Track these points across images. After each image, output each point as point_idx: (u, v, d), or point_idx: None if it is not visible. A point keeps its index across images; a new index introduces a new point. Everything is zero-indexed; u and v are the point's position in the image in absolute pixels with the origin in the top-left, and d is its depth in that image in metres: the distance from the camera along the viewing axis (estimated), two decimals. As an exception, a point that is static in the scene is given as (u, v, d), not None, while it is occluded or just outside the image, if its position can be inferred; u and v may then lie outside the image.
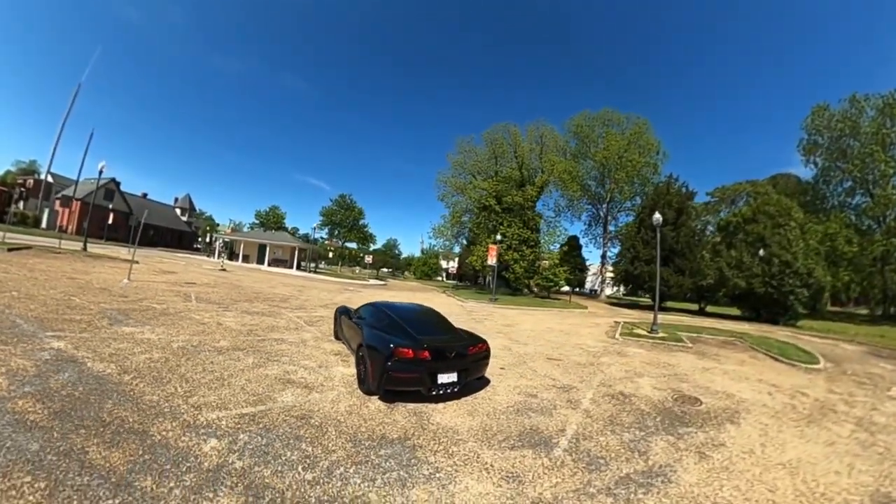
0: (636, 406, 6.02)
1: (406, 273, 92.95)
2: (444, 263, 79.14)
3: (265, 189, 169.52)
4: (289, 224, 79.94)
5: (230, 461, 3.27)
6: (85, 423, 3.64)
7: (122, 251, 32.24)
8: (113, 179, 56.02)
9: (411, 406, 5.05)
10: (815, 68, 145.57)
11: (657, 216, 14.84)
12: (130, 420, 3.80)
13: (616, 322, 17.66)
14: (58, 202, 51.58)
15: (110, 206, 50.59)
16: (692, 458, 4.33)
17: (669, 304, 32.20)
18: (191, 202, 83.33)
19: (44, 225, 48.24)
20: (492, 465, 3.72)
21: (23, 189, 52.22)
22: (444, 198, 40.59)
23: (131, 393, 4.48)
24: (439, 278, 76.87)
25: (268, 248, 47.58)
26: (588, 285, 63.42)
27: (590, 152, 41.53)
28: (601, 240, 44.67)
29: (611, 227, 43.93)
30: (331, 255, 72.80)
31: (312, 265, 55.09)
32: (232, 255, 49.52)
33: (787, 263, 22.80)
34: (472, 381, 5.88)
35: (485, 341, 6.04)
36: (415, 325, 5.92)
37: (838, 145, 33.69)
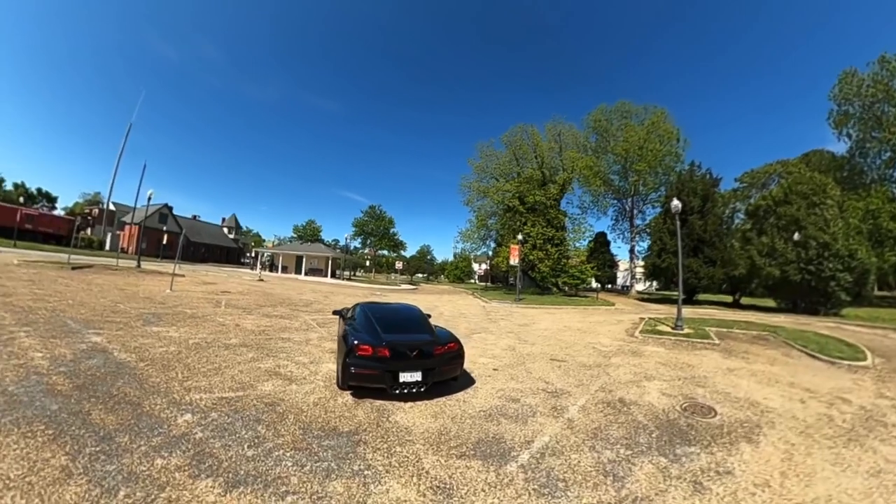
0: (633, 417, 5.19)
1: (440, 277, 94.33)
2: (475, 266, 79.78)
3: (305, 204, 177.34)
4: (328, 235, 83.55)
5: (193, 432, 3.87)
6: (96, 394, 4.52)
7: (168, 265, 35.29)
8: (166, 204, 61.39)
9: (378, 403, 5.08)
10: (840, 34, 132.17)
11: (675, 202, 14.38)
12: (131, 395, 4.65)
13: (640, 318, 16.65)
14: (118, 227, 56.97)
15: (164, 228, 54.96)
16: (682, 490, 3.39)
17: (702, 296, 30.76)
18: (236, 221, 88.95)
19: (107, 247, 53.37)
20: (427, 472, 3.47)
21: (89, 217, 58.41)
22: (469, 202, 41.11)
23: (140, 376, 5.37)
24: (472, 281, 77.50)
25: (304, 259, 50.44)
26: (619, 281, 61.35)
27: (609, 146, 40.28)
28: (628, 234, 43.39)
29: (637, 221, 42.53)
30: (367, 262, 75.25)
31: (347, 273, 57.54)
32: (273, 268, 52.99)
33: (826, 245, 21.26)
34: (450, 382, 5.86)
35: (456, 341, 5.93)
36: (385, 323, 6.04)
37: (872, 112, 30.70)
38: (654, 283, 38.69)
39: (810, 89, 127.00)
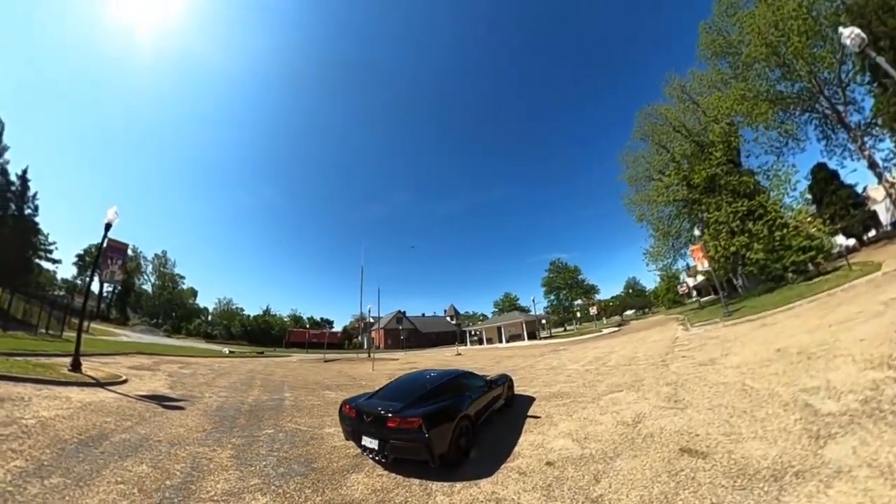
0: None
1: (651, 308, 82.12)
2: (690, 281, 65.33)
3: (507, 278, 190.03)
4: (526, 300, 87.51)
5: (278, 436, 7.22)
6: (257, 414, 8.45)
7: (400, 354, 45.06)
8: (399, 310, 79.88)
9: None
10: None
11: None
12: (269, 416, 8.40)
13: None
14: (373, 331, 76.29)
15: (400, 327, 70.34)
16: None
17: None
18: (455, 309, 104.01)
19: (364, 346, 71.65)
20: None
21: (356, 329, 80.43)
22: (641, 219, 36.60)
23: (283, 411, 9.24)
24: (693, 299, 63.24)
25: (502, 328, 54.71)
26: (886, 217, 36.94)
27: (743, 56, 27.94)
28: (853, 146, 27.04)
29: (854, 118, 26.67)
30: (578, 314, 72.65)
31: (546, 333, 58.17)
32: (481, 341, 59.20)
33: None
34: (468, 465, 5.18)
35: (419, 417, 4.88)
36: (389, 387, 6.55)
37: None
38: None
39: None
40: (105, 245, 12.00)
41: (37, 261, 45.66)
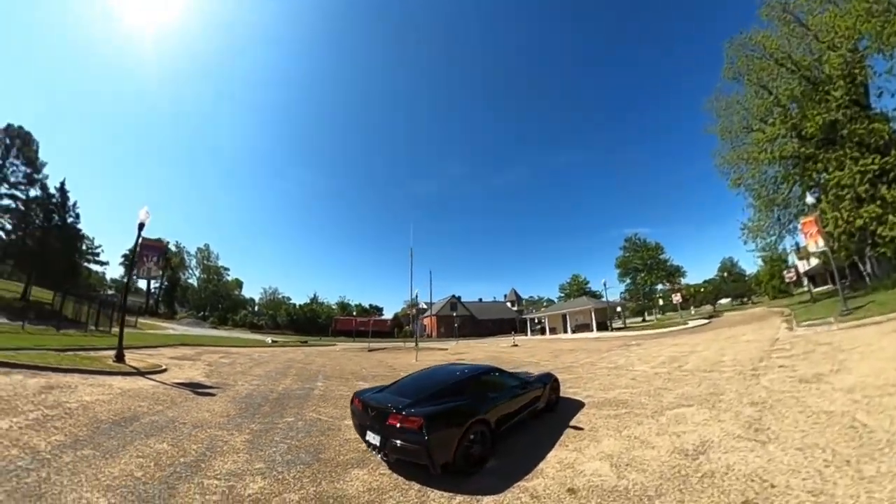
0: None
1: (752, 297, 75.69)
2: (800, 265, 58.24)
3: (576, 258, 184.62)
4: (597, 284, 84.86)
5: (322, 418, 8.03)
6: (283, 402, 9.39)
7: (451, 343, 46.32)
8: (453, 296, 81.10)
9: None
10: None
11: None
12: (293, 405, 9.30)
13: None
14: (424, 318, 78.30)
15: (454, 314, 71.59)
16: None
17: None
18: (516, 294, 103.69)
19: (416, 335, 74.07)
20: None
21: (407, 316, 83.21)
22: (737, 183, 32.11)
23: (308, 400, 10.13)
24: (803, 289, 56.60)
25: (567, 317, 53.64)
26: None
27: None
28: None
29: None
30: (660, 302, 69.55)
31: (620, 322, 56.02)
32: (543, 330, 58.47)
33: None
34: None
35: (421, 417, 4.89)
36: (407, 379, 7.06)
37: None
38: None
39: None
40: (140, 243, 13.74)
41: (86, 264, 54.14)
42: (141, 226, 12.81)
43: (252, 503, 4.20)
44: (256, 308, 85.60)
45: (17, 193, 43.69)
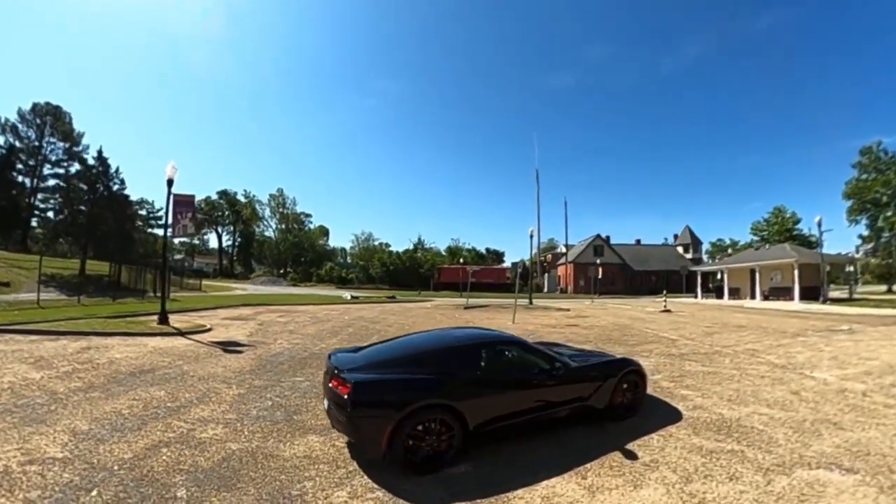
0: None
1: None
2: None
3: (781, 182, 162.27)
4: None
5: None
6: (311, 362, 11.84)
7: (586, 301, 47.21)
8: (598, 236, 79.69)
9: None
10: None
11: None
12: (314, 367, 11.66)
13: None
14: (559, 267, 79.16)
15: (598, 262, 70.87)
16: None
17: None
18: (691, 233, 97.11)
19: (545, 289, 75.28)
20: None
21: (545, 263, 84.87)
22: None
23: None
24: None
25: (758, 274, 46.65)
26: None
27: None
28: None
29: None
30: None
31: (842, 292, 45.36)
32: (720, 291, 52.91)
33: None
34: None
35: (350, 384, 5.17)
36: (392, 341, 7.94)
37: None
38: None
39: None
40: (171, 201, 17.08)
41: (150, 230, 66.48)
42: (170, 182, 15.86)
43: (198, 444, 6.21)
44: (348, 259, 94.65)
45: (59, 171, 57.11)
